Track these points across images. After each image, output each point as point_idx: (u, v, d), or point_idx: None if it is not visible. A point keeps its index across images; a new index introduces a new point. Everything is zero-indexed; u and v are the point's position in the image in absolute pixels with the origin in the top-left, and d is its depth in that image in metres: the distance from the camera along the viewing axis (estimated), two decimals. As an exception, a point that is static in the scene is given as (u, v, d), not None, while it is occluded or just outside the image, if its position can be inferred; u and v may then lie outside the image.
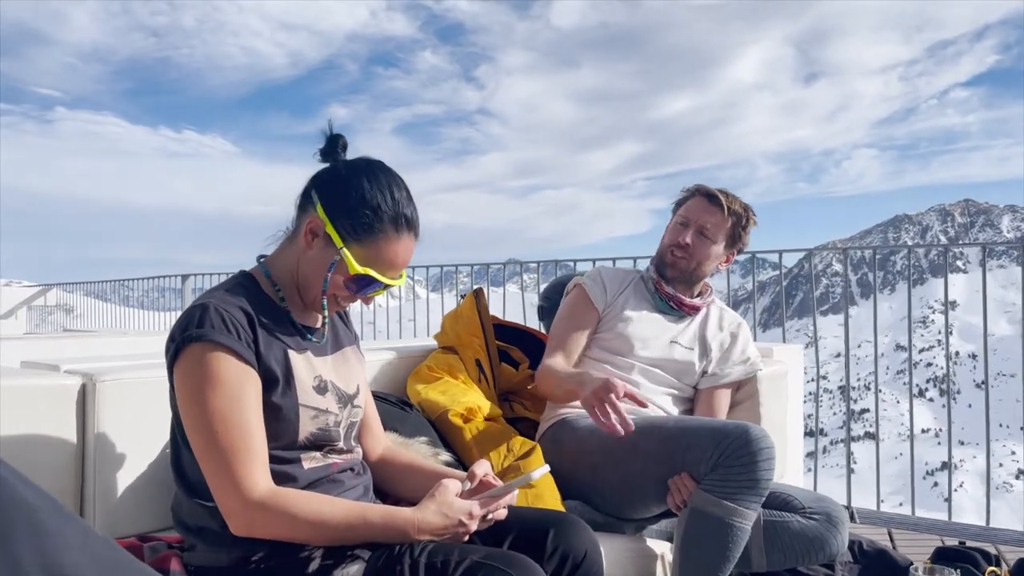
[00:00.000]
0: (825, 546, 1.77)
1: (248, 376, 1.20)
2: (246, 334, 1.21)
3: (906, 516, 3.35)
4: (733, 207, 2.14)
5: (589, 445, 1.91)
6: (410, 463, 1.50)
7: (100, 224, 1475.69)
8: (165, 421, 1.65)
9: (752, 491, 1.66)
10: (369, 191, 1.26)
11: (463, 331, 2.22)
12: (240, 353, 1.19)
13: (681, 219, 2.17)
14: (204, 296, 1.25)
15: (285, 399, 1.24)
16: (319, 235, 1.27)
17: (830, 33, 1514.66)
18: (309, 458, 1.29)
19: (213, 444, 1.16)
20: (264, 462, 1.19)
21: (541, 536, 1.31)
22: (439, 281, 6.25)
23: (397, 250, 1.27)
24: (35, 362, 1.80)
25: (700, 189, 2.18)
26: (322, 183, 1.29)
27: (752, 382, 2.19)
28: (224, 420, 1.16)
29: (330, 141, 1.31)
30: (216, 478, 1.17)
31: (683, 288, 2.19)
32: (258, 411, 1.20)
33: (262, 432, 1.20)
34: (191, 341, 1.18)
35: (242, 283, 1.30)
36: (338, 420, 1.33)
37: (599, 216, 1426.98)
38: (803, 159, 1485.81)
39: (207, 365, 1.17)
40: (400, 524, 1.20)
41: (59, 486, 1.53)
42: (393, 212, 1.26)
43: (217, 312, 1.20)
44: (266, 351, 1.23)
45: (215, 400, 1.16)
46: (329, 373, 1.33)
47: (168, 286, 8.64)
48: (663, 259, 2.19)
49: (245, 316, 1.23)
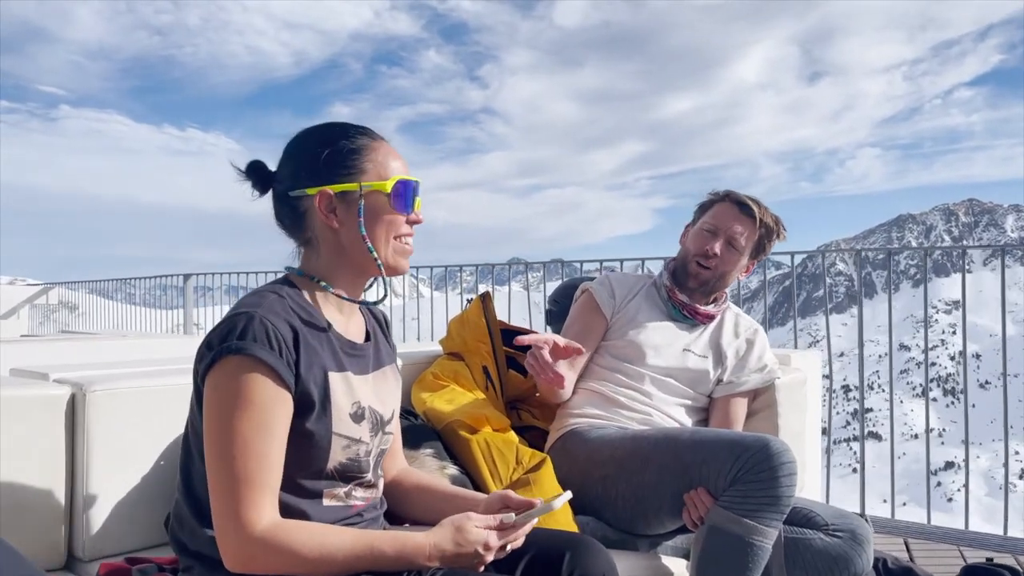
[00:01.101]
0: (850, 565, 1.69)
1: (282, 401, 1.11)
2: (288, 353, 1.12)
3: (922, 525, 3.27)
4: (765, 219, 2.06)
5: (600, 457, 1.84)
6: (420, 484, 1.43)
7: (104, 222, 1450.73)
8: (159, 433, 1.59)
9: (773, 508, 1.59)
10: (319, 139, 1.23)
11: (470, 337, 2.15)
12: (280, 374, 1.10)
13: (709, 226, 2.07)
14: (249, 302, 1.16)
15: (319, 425, 1.16)
16: (334, 203, 1.20)
17: (834, 32, 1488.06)
18: (331, 495, 1.21)
19: (228, 468, 1.08)
20: (274, 493, 1.11)
21: (557, 559, 1.23)
22: (443, 280, 6.21)
23: (388, 151, 1.25)
24: (24, 370, 1.74)
25: (731, 195, 2.08)
26: (288, 177, 1.24)
27: (770, 391, 2.11)
28: (245, 446, 1.08)
29: (253, 170, 1.26)
30: (220, 504, 1.09)
31: (699, 296, 2.10)
32: (283, 440, 1.12)
33: (281, 463, 1.12)
34: (230, 352, 1.09)
35: (287, 289, 1.21)
36: (369, 450, 1.25)
37: (602, 215, 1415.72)
38: (806, 158, 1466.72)
39: (242, 382, 1.09)
40: (411, 551, 1.12)
41: (47, 501, 1.46)
42: (352, 131, 1.24)
43: (263, 324, 1.11)
44: (306, 373, 1.14)
45: (241, 423, 1.08)
46: (368, 397, 1.25)
47: (171, 284, 8.63)
48: (685, 268, 2.09)
49: (291, 332, 1.14)
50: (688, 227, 2.16)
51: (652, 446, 1.78)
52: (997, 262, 39.54)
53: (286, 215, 1.25)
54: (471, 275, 6.04)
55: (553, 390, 1.96)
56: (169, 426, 1.59)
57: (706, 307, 2.10)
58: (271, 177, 1.26)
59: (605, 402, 2.00)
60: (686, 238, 2.14)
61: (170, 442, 1.59)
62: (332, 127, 1.26)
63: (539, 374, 1.68)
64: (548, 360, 1.65)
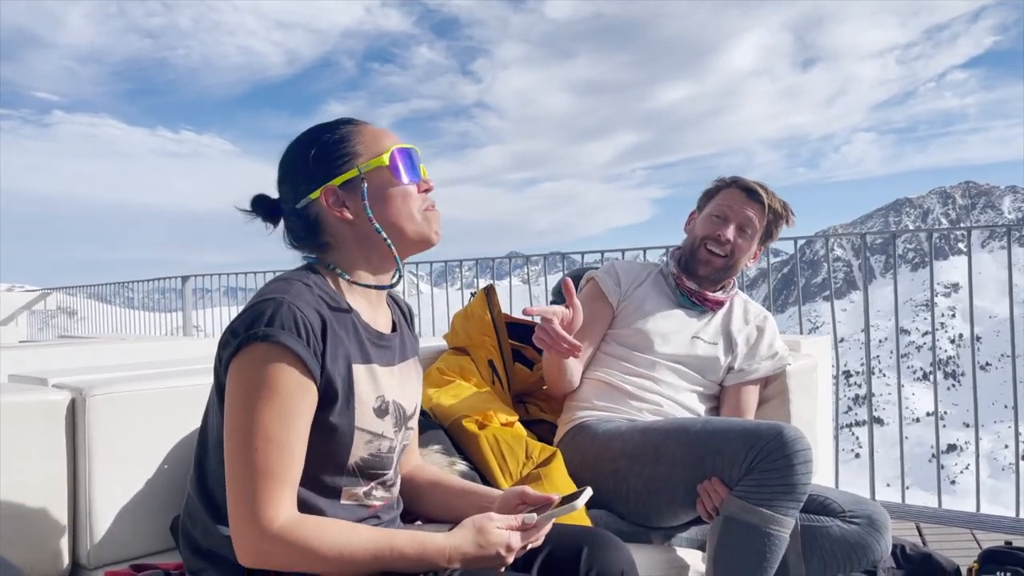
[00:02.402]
0: (868, 552, 1.66)
1: (307, 391, 1.08)
2: (316, 342, 1.09)
3: (934, 509, 3.25)
4: (773, 204, 2.03)
5: (610, 451, 1.81)
6: (433, 479, 1.40)
7: (100, 226, 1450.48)
8: (161, 437, 1.56)
9: (789, 496, 1.56)
10: (304, 143, 1.21)
11: (474, 331, 2.12)
12: (307, 363, 1.07)
13: (717, 211, 2.03)
14: (275, 287, 1.12)
15: (342, 419, 1.13)
16: (341, 197, 1.18)
17: (826, 18, 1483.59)
18: (350, 494, 1.18)
19: (248, 460, 1.04)
20: (293, 488, 1.08)
21: (574, 555, 1.21)
22: (441, 276, 6.17)
23: (374, 130, 1.23)
24: (23, 375, 1.70)
25: (738, 181, 2.04)
26: (289, 193, 1.21)
27: (781, 378, 2.08)
28: (268, 437, 1.05)
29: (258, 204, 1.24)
30: (237, 497, 1.05)
31: (708, 283, 2.07)
32: (305, 433, 1.09)
33: (302, 457, 1.09)
34: (256, 340, 1.05)
35: (313, 277, 1.18)
36: (392, 446, 1.22)
37: (599, 207, 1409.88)
38: (802, 145, 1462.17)
39: (268, 370, 1.05)
40: (431, 553, 1.09)
41: (48, 508, 1.44)
42: (332, 124, 1.22)
43: (291, 311, 1.07)
44: (331, 364, 1.11)
45: (265, 412, 1.05)
46: (393, 390, 1.21)
47: (169, 287, 8.60)
48: (694, 255, 2.05)
49: (320, 320, 1.11)
50: (693, 214, 2.13)
51: (663, 437, 1.75)
52: (995, 244, 38.99)
53: (300, 228, 1.22)
54: (470, 270, 6.00)
55: (563, 372, 1.93)
56: (171, 429, 1.56)
57: (715, 294, 2.06)
58: (277, 204, 1.23)
59: (613, 392, 1.97)
60: (692, 225, 2.11)
61: (172, 445, 1.56)
62: (312, 129, 1.23)
63: (552, 347, 1.64)
64: (560, 331, 1.62)
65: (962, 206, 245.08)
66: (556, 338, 1.62)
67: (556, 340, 1.62)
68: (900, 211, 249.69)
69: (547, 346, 1.66)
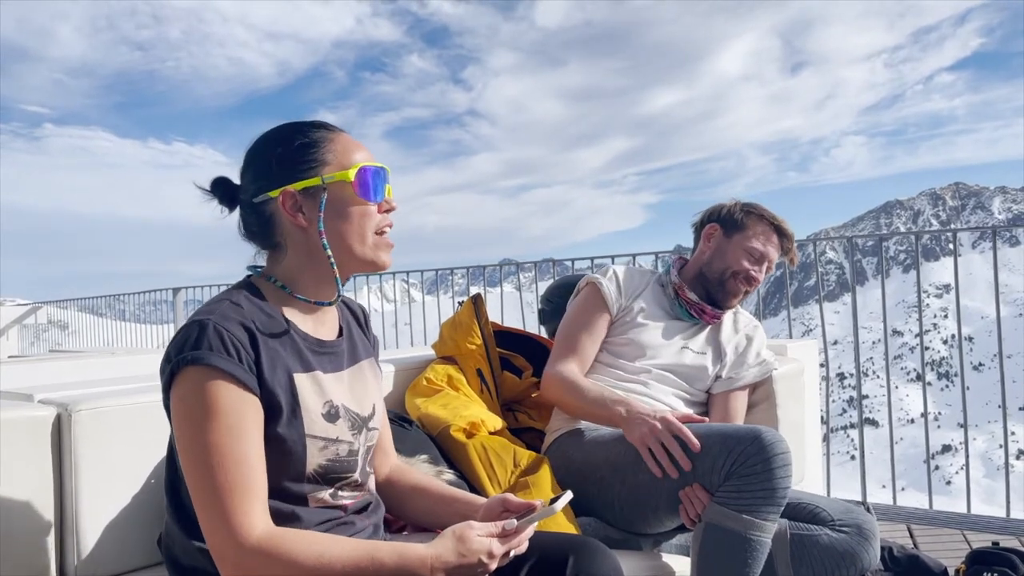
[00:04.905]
0: (856, 561, 1.66)
1: (248, 404, 1.08)
2: (247, 355, 1.09)
3: (925, 510, 3.26)
4: (792, 250, 2.12)
5: (595, 459, 1.81)
6: (416, 484, 1.39)
7: (92, 239, 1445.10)
8: (147, 451, 1.55)
9: (769, 501, 1.55)
10: (275, 139, 1.19)
11: (462, 339, 2.12)
12: (240, 379, 1.07)
13: (756, 251, 2.05)
14: (203, 310, 1.12)
15: (290, 430, 1.12)
16: (299, 202, 1.16)
17: (814, 22, 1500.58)
18: (316, 498, 1.18)
19: (208, 480, 1.04)
20: (263, 500, 1.08)
21: (561, 562, 1.20)
22: (434, 284, 6.16)
23: (348, 141, 1.20)
24: (10, 391, 1.70)
25: (779, 228, 2.08)
26: (250, 184, 1.19)
27: (767, 382, 2.09)
28: (221, 454, 1.04)
29: (218, 185, 1.22)
30: (209, 518, 1.05)
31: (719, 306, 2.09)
32: (259, 443, 1.09)
33: (262, 467, 1.09)
34: (186, 364, 1.06)
35: (245, 293, 1.17)
36: (352, 449, 1.21)
37: (591, 213, 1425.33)
38: (792, 148, 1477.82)
39: (204, 392, 1.06)
40: (413, 563, 1.09)
41: (35, 525, 1.43)
42: (308, 126, 1.20)
43: (216, 331, 1.07)
44: (270, 375, 1.11)
45: (212, 432, 1.05)
46: (342, 395, 1.21)
47: (161, 299, 8.57)
48: (723, 284, 2.06)
49: (247, 334, 1.11)
50: (714, 230, 2.10)
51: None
52: (985, 244, 39.21)
53: (254, 223, 1.21)
54: (463, 278, 6.00)
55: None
56: (158, 443, 1.55)
57: (715, 309, 2.08)
58: (236, 190, 1.23)
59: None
60: (717, 246, 2.09)
61: (160, 459, 1.55)
62: (287, 126, 1.21)
63: (658, 465, 1.68)
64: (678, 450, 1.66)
65: (952, 207, 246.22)
66: (673, 451, 1.66)
67: (670, 467, 1.66)
68: (891, 213, 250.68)
69: (654, 464, 1.68)
